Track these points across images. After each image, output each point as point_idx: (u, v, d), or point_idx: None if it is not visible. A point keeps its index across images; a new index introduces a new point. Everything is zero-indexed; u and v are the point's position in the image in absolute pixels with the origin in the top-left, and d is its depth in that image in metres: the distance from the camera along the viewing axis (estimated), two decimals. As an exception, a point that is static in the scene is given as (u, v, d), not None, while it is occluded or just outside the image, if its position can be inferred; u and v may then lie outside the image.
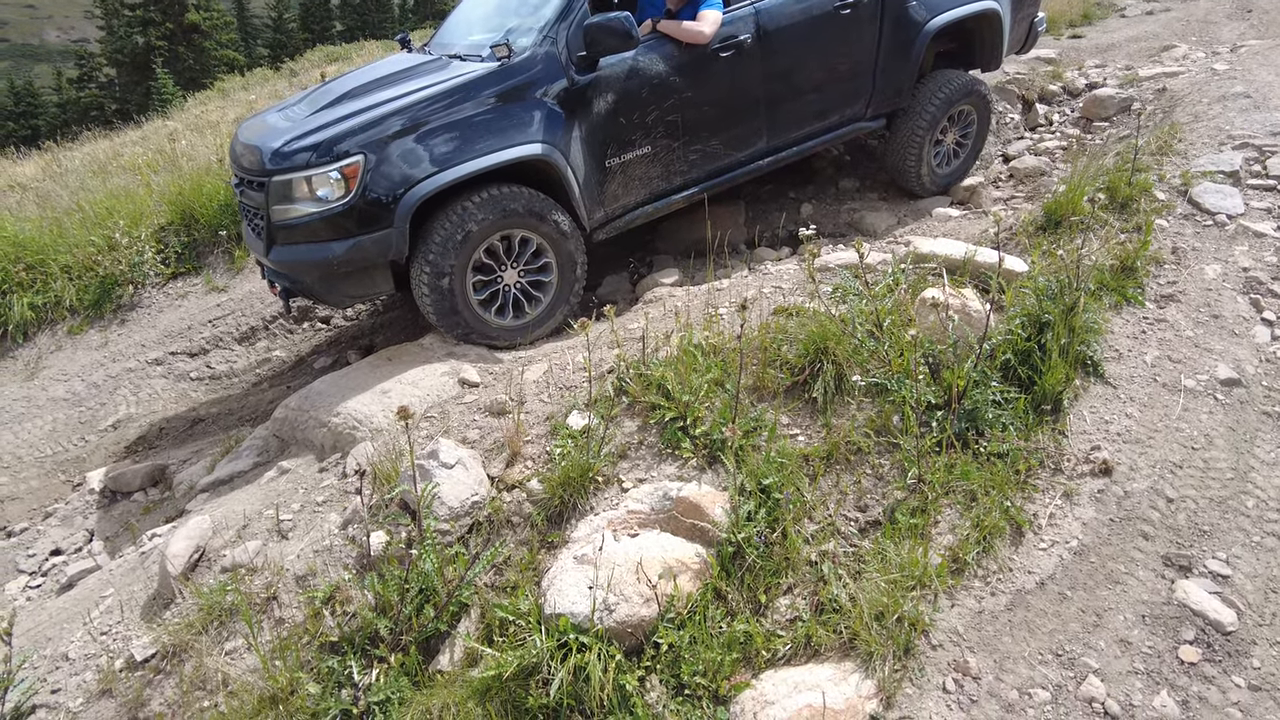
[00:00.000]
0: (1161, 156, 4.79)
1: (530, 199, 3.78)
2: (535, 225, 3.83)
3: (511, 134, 3.70)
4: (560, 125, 3.83)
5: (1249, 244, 3.87)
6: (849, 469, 2.86)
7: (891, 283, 3.59)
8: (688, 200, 4.47)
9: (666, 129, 4.15)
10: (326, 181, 3.46)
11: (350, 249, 3.52)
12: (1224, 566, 2.41)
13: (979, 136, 5.46)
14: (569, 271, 4.00)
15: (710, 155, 4.39)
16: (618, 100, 3.97)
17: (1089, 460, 2.78)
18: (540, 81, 3.81)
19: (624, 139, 4.05)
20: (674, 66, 4.10)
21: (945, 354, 3.02)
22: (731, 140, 4.43)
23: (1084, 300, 3.12)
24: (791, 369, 3.13)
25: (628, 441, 2.96)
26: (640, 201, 4.29)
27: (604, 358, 3.45)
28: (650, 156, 4.16)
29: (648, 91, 4.03)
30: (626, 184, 4.16)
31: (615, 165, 4.07)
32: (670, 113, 4.12)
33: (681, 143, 4.23)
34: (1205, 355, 3.24)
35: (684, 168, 4.33)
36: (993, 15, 5.17)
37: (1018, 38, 5.62)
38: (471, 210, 3.62)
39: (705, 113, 4.26)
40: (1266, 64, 6.43)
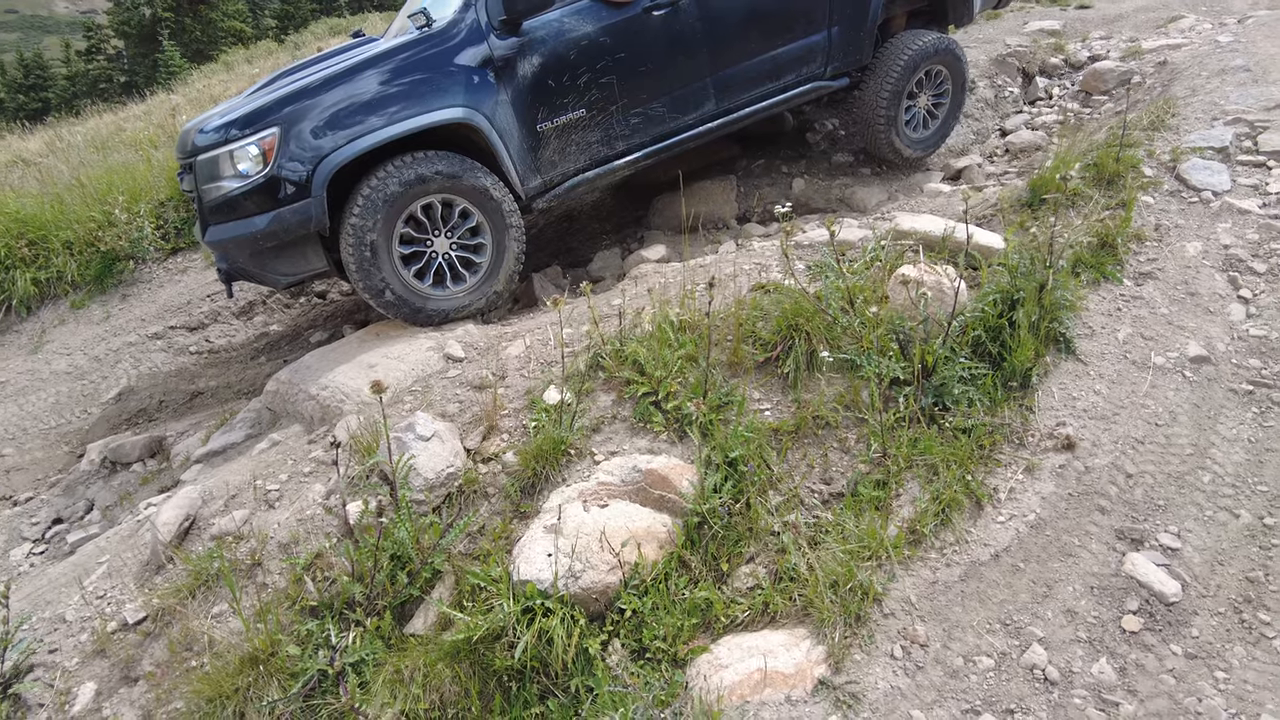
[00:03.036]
0: (1154, 132, 4.76)
1: (451, 163, 3.77)
2: (459, 189, 3.81)
3: (430, 100, 3.72)
4: (484, 90, 3.85)
5: (1232, 221, 3.87)
6: (817, 443, 2.92)
7: (870, 259, 3.63)
8: (634, 166, 4.43)
9: (601, 92, 4.12)
10: (246, 156, 3.54)
11: (272, 221, 3.59)
12: (1175, 540, 2.47)
13: (955, 98, 5.37)
14: (503, 237, 3.98)
15: (654, 119, 4.35)
16: (544, 63, 3.96)
17: (1053, 436, 2.83)
18: (461, 47, 3.82)
19: (555, 103, 4.03)
20: (603, 27, 4.06)
21: (915, 330, 3.06)
22: (676, 103, 4.38)
23: (1055, 278, 3.14)
24: (765, 345, 3.18)
25: (602, 416, 3.03)
26: (581, 168, 4.26)
27: (586, 333, 3.51)
28: (586, 121, 4.14)
29: (576, 54, 4.01)
30: (563, 149, 4.15)
31: (548, 130, 4.06)
32: (603, 75, 4.09)
33: (619, 106, 4.20)
34: (1178, 333, 3.26)
35: (625, 132, 4.29)
36: None
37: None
38: (391, 174, 3.65)
39: (643, 75, 4.21)
40: (1272, 35, 6.33)
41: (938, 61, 5.12)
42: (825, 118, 6.19)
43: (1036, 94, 6.91)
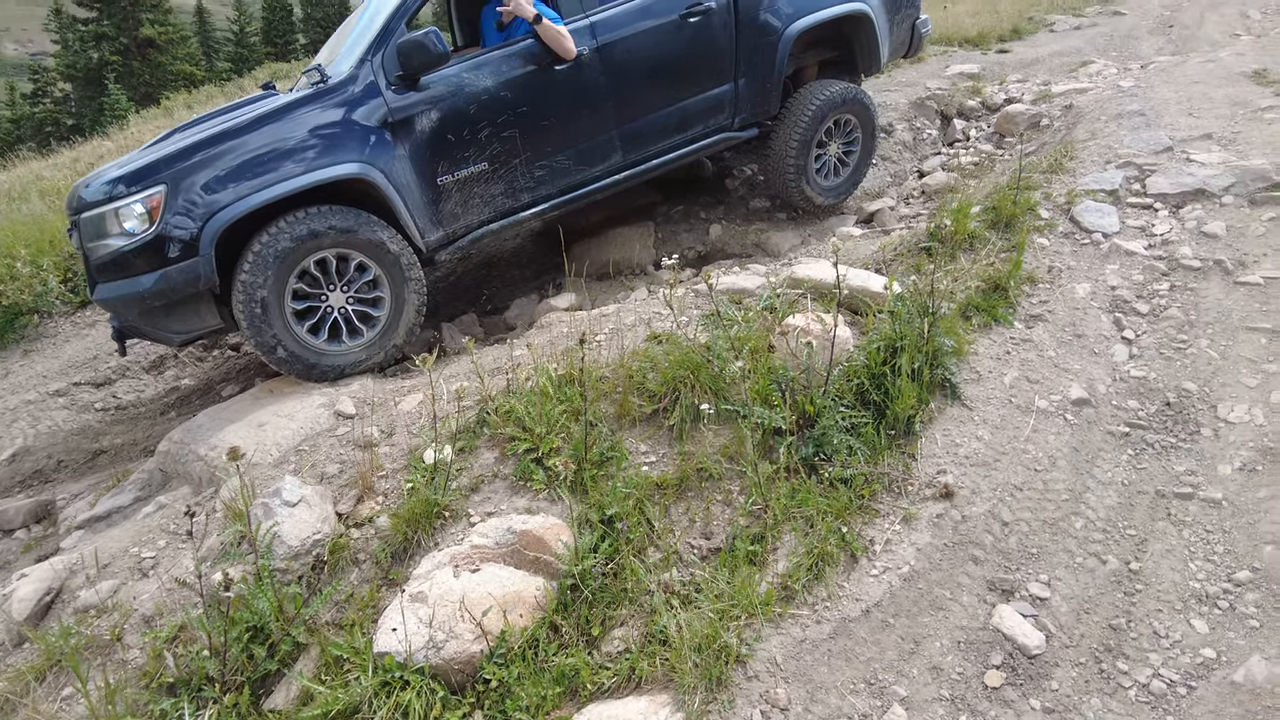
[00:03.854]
0: (1052, 175, 4.88)
1: (345, 217, 3.73)
2: (355, 243, 3.77)
3: (323, 156, 3.70)
4: (380, 144, 3.83)
5: (1120, 262, 3.95)
6: (700, 496, 2.88)
7: (762, 308, 3.63)
8: (540, 217, 4.44)
9: (504, 145, 4.13)
10: (131, 214, 3.47)
11: (158, 280, 3.51)
12: (1044, 589, 2.46)
13: (865, 145, 5.46)
14: (402, 290, 3.93)
15: (560, 171, 4.37)
16: (444, 117, 3.96)
17: (932, 484, 2.82)
18: (357, 102, 3.81)
19: (455, 156, 4.03)
20: (504, 82, 4.08)
21: (798, 380, 3.05)
22: (582, 155, 4.40)
23: (936, 324, 3.17)
24: (653, 397, 3.15)
25: (482, 474, 2.97)
26: (485, 219, 4.25)
27: (482, 386, 3.45)
28: (489, 174, 4.14)
29: (477, 108, 4.02)
30: (465, 202, 4.14)
31: (449, 183, 4.05)
32: (505, 128, 4.10)
33: (523, 159, 4.20)
34: (1062, 375, 3.30)
35: (530, 184, 4.30)
36: (862, 17, 5.16)
37: (900, 41, 5.59)
38: (283, 230, 3.59)
39: (546, 128, 4.23)
40: (1169, 81, 6.58)
41: (846, 111, 5.21)
42: (744, 164, 6.27)
43: (955, 136, 7.10)
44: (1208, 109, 5.61)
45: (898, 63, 8.85)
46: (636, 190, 6.21)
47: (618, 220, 5.74)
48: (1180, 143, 4.96)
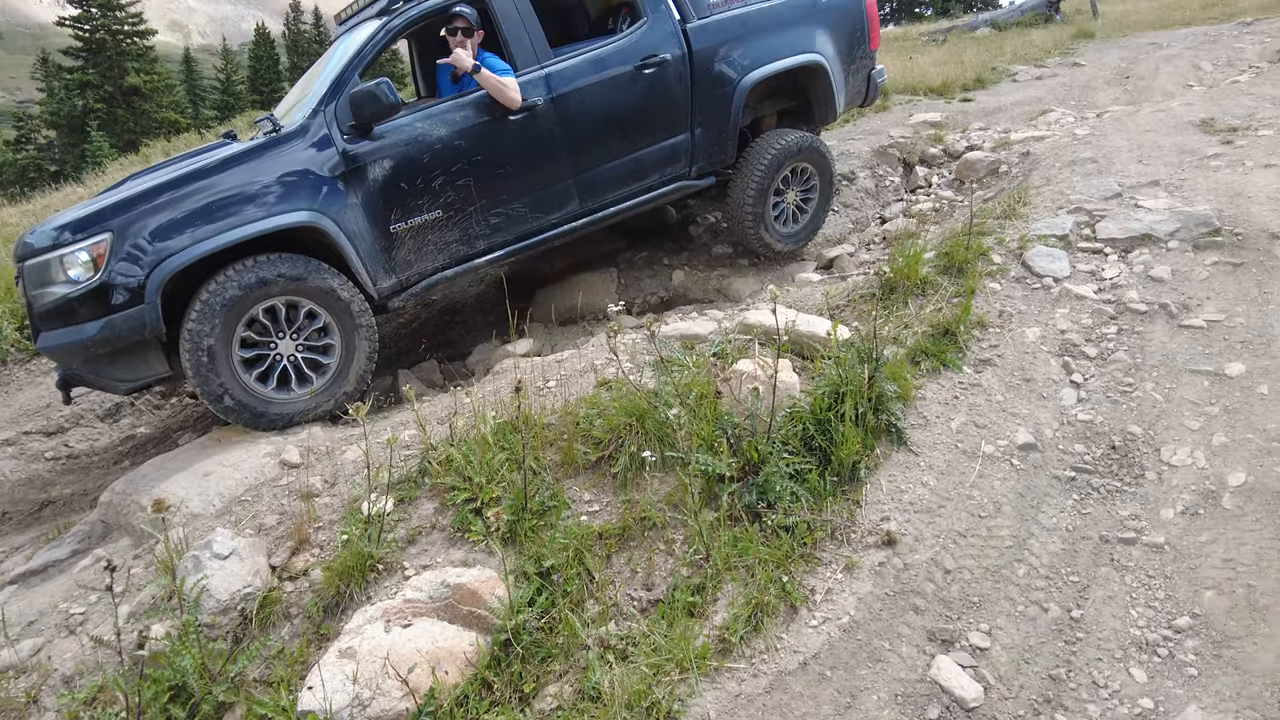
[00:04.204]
0: (1006, 220, 4.95)
1: (295, 265, 3.72)
2: (304, 290, 3.75)
3: (273, 204, 3.70)
4: (332, 193, 3.84)
5: (1070, 306, 3.99)
6: (643, 545, 2.83)
7: (713, 353, 3.63)
8: (496, 263, 4.45)
9: (458, 193, 4.15)
10: (76, 262, 3.45)
11: (103, 328, 3.47)
12: (984, 639, 2.42)
13: (823, 193, 5.53)
14: (352, 338, 3.91)
15: (515, 218, 4.39)
16: (396, 166, 3.99)
17: (875, 531, 2.79)
18: (309, 151, 3.84)
19: (408, 204, 4.04)
20: (458, 131, 4.12)
21: (743, 427, 3.03)
22: (539, 203, 4.43)
23: (880, 370, 3.17)
24: (598, 444, 3.12)
25: (420, 525, 2.91)
26: (439, 266, 4.25)
27: (432, 433, 3.41)
28: (443, 221, 4.15)
29: (430, 157, 4.05)
30: (419, 249, 4.14)
31: (402, 231, 4.06)
32: (460, 177, 4.12)
33: (478, 206, 4.23)
34: (1010, 420, 3.30)
35: (486, 231, 4.31)
36: (817, 68, 5.25)
37: (856, 91, 5.72)
38: (231, 278, 3.58)
39: (502, 176, 4.26)
40: (1122, 129, 6.75)
41: (802, 160, 5.29)
42: (708, 211, 6.34)
43: (917, 183, 7.22)
44: (1157, 156, 5.75)
45: (862, 111, 9.03)
46: (601, 236, 6.26)
47: (582, 266, 5.76)
48: (1130, 189, 5.06)
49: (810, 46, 5.17)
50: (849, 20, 5.42)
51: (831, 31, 5.30)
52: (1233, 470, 2.90)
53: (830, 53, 5.29)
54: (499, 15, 4.30)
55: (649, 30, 4.64)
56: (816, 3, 5.27)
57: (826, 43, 5.26)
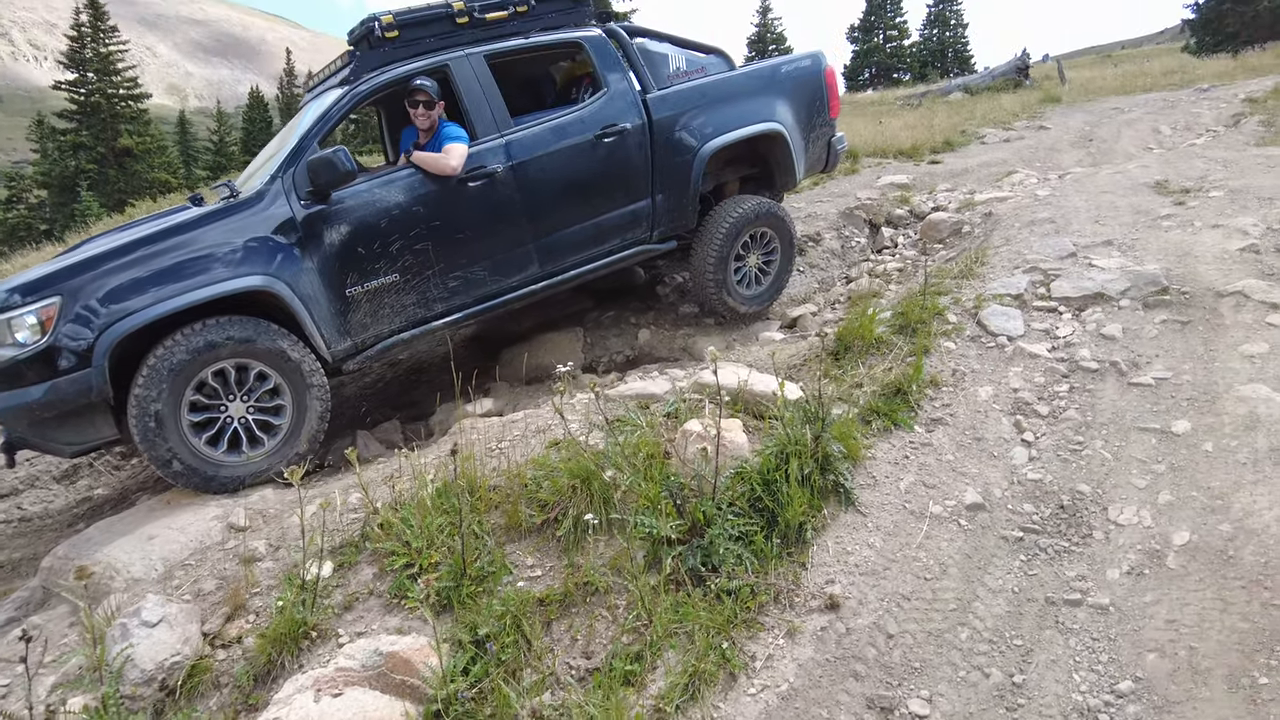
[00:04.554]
0: (963, 280, 5.03)
1: (244, 328, 3.72)
2: (253, 353, 3.75)
3: (227, 269, 3.72)
4: (287, 257, 3.88)
5: (1023, 365, 4.03)
6: (586, 611, 2.79)
7: (666, 414, 3.63)
8: (454, 325, 4.47)
9: (415, 257, 4.20)
10: (23, 325, 3.44)
11: (48, 392, 3.45)
12: (924, 705, 2.37)
13: (784, 257, 5.62)
14: (303, 398, 3.90)
15: (474, 282, 4.43)
16: (353, 231, 4.04)
17: (819, 595, 2.76)
18: (265, 216, 3.88)
19: (365, 268, 4.08)
20: (416, 197, 4.18)
21: (689, 487, 3.01)
22: (498, 267, 4.48)
23: (826, 430, 3.17)
24: (543, 506, 3.09)
25: (358, 591, 2.86)
26: (395, 329, 4.27)
27: (377, 496, 3.37)
28: (400, 285, 4.19)
29: (388, 222, 4.10)
30: (375, 312, 4.17)
31: (358, 294, 4.09)
32: (417, 241, 4.18)
33: (436, 270, 4.27)
34: (959, 480, 3.30)
35: (444, 294, 4.35)
36: (776, 136, 5.36)
37: (816, 158, 5.82)
38: (178, 343, 3.58)
39: (460, 241, 4.32)
40: (1081, 190, 6.92)
41: (762, 225, 5.39)
42: (675, 271, 6.41)
43: (883, 243, 7.35)
44: (1112, 216, 5.88)
45: (832, 175, 9.24)
46: (569, 296, 6.32)
47: (550, 325, 5.80)
48: (1084, 248, 5.17)
49: (769, 116, 5.31)
50: (808, 90, 5.59)
51: (791, 101, 5.46)
52: (1178, 529, 2.90)
53: (790, 121, 5.43)
54: (459, 86, 4.41)
55: (609, 100, 4.77)
56: (776, 74, 5.46)
57: (786, 112, 5.41)
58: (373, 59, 4.31)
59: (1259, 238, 4.83)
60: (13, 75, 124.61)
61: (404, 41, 4.34)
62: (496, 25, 4.55)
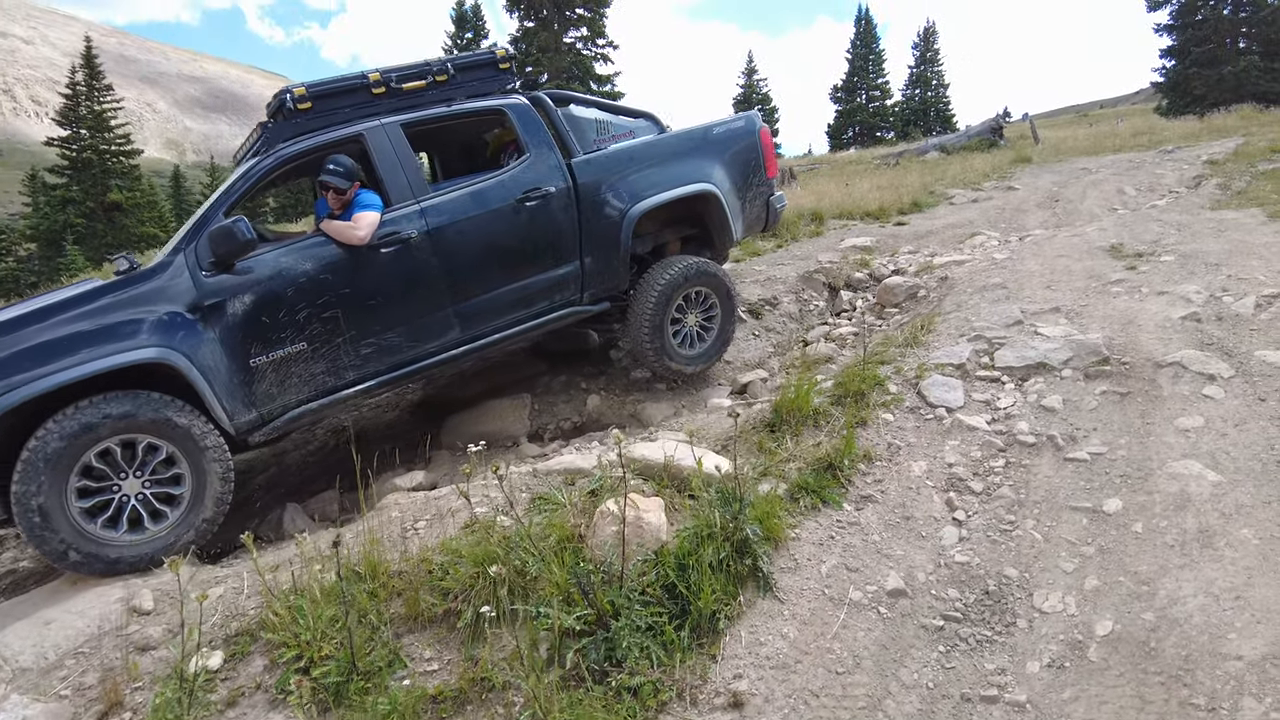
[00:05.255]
0: (908, 348, 4.99)
1: (120, 404, 3.61)
2: (138, 426, 3.64)
3: (119, 342, 3.65)
4: (186, 329, 3.82)
5: (961, 438, 3.96)
6: (484, 708, 2.65)
7: (589, 491, 3.53)
8: (369, 394, 4.38)
9: (325, 325, 4.13)
10: None
11: None
12: (822, 819, 2.23)
13: (724, 317, 5.54)
14: (200, 461, 3.78)
15: (389, 349, 4.35)
16: (258, 300, 3.98)
17: (724, 692, 2.63)
18: (165, 288, 3.83)
19: (270, 338, 4.02)
20: (325, 265, 4.14)
21: (598, 574, 2.91)
22: (414, 333, 4.41)
23: (744, 511, 3.08)
24: (447, 594, 2.97)
25: (245, 685, 2.72)
26: (304, 399, 4.18)
27: (263, 584, 3.24)
28: (308, 353, 4.11)
29: (295, 290, 4.05)
30: (283, 382, 4.08)
31: (264, 364, 4.01)
32: (326, 310, 4.12)
33: (347, 338, 4.20)
34: (883, 562, 3.20)
35: (356, 362, 4.27)
36: (709, 197, 5.34)
37: (755, 217, 5.80)
38: (51, 430, 3.45)
39: (373, 308, 4.26)
40: (1038, 253, 6.95)
41: (697, 284, 5.34)
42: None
43: (842, 306, 7.34)
44: (1065, 281, 5.89)
45: (796, 237, 9.32)
46: (520, 360, 6.26)
47: (498, 391, 5.72)
48: (1031, 315, 5.15)
49: (702, 177, 5.31)
50: (743, 151, 5.59)
51: (724, 162, 5.47)
52: (1101, 618, 2.79)
53: (723, 182, 5.42)
54: (374, 155, 4.40)
55: (531, 165, 4.76)
56: (708, 135, 5.46)
57: (719, 173, 5.41)
58: (285, 130, 4.31)
59: (1201, 305, 4.82)
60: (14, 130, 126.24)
61: (318, 112, 4.35)
62: (415, 94, 4.57)
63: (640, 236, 5.28)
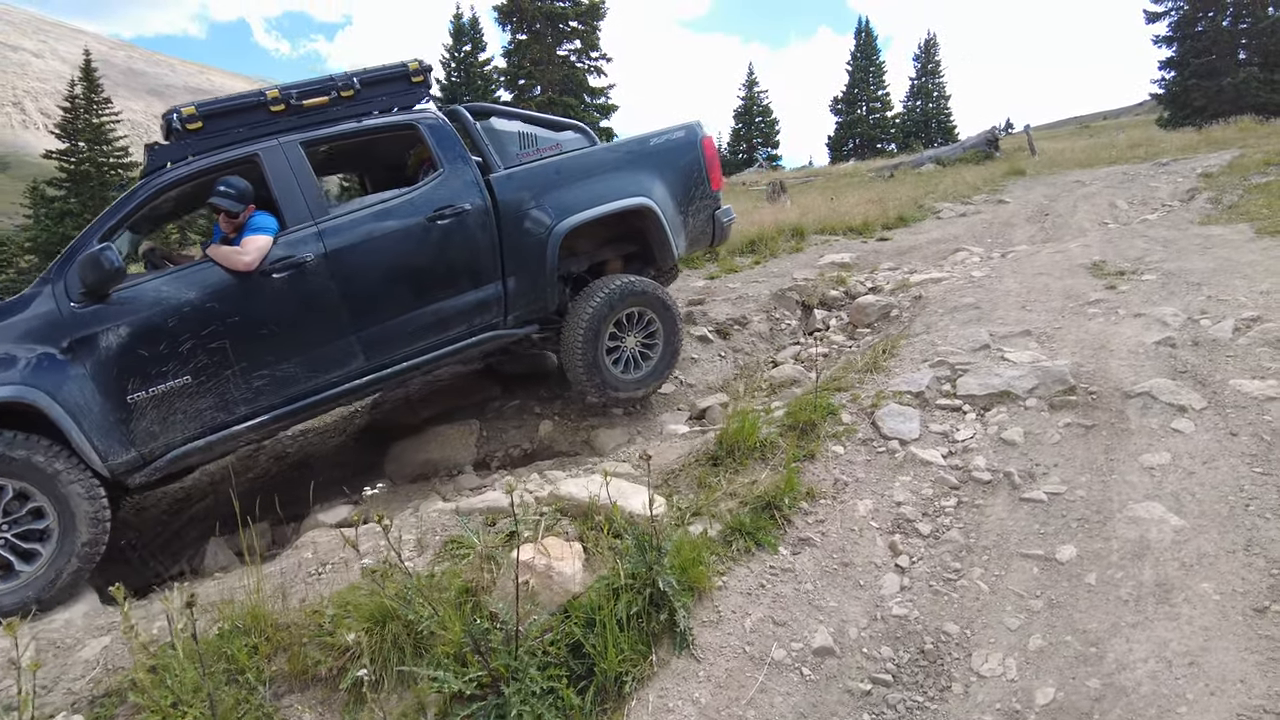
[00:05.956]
0: (868, 374, 4.75)
1: None
2: None
3: None
4: (52, 365, 3.60)
5: (913, 474, 3.71)
6: (359, 784, 2.41)
7: (511, 533, 3.30)
8: (263, 429, 4.13)
9: (211, 357, 3.90)
10: None
11: None
12: None
13: (667, 333, 5.22)
14: (70, 519, 3.56)
15: (285, 380, 4.10)
16: (135, 332, 3.75)
17: (621, 767, 2.39)
18: (29, 321, 3.64)
19: (149, 372, 3.78)
20: (210, 293, 3.92)
21: (496, 632, 2.67)
22: (313, 363, 4.16)
23: (662, 560, 2.84)
24: (333, 650, 2.73)
25: (99, 757, 2.48)
26: (190, 436, 3.93)
27: (132, 638, 3.01)
28: (193, 388, 3.87)
29: (177, 321, 3.82)
30: (165, 419, 3.84)
31: (143, 400, 3.77)
32: (212, 340, 3.89)
33: (237, 370, 3.96)
34: (813, 616, 2.95)
35: (248, 395, 4.02)
36: (645, 211, 5.05)
37: (699, 232, 5.49)
38: None
39: (265, 338, 4.02)
40: (1018, 271, 6.71)
41: (634, 304, 5.02)
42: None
43: (815, 326, 7.09)
44: (1042, 301, 5.65)
45: (775, 253, 9.09)
46: (474, 384, 6.04)
47: (444, 417, 5.49)
48: (1000, 339, 4.91)
49: (637, 191, 5.01)
50: (683, 163, 5.30)
51: (662, 175, 5.17)
52: (1043, 684, 2.54)
53: (662, 196, 5.13)
54: (270, 175, 4.15)
55: (444, 181, 4.48)
56: (644, 147, 5.17)
57: (657, 186, 5.12)
58: (174, 151, 4.09)
59: (1177, 329, 4.58)
60: (21, 142, 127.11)
61: (210, 133, 4.12)
62: (319, 111, 4.35)
63: (575, 255, 5.04)
